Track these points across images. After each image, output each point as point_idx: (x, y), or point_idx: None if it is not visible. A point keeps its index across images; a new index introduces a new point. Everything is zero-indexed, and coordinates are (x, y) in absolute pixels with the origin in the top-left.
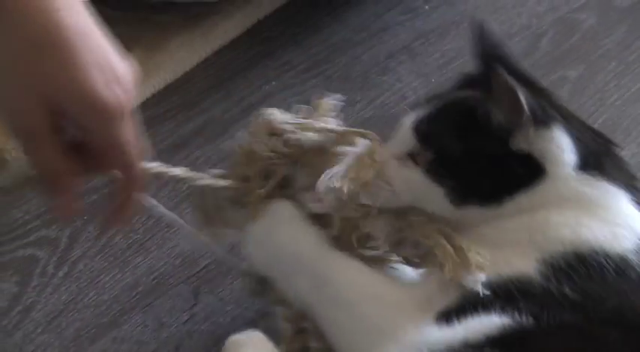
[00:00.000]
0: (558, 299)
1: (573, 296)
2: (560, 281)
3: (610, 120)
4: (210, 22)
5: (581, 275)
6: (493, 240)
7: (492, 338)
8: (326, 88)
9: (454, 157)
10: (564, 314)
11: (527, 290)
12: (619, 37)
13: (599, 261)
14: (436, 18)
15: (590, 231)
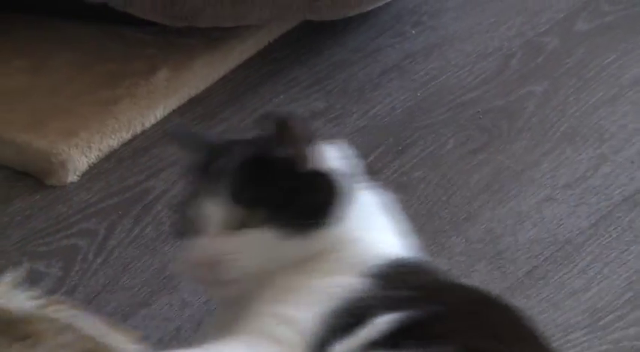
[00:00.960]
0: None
1: (406, 293)
2: (386, 284)
3: (570, 128)
4: (227, 45)
5: (396, 276)
6: (323, 270)
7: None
8: (326, 101)
9: (279, 204)
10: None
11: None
12: (578, 58)
13: (398, 263)
14: (421, 41)
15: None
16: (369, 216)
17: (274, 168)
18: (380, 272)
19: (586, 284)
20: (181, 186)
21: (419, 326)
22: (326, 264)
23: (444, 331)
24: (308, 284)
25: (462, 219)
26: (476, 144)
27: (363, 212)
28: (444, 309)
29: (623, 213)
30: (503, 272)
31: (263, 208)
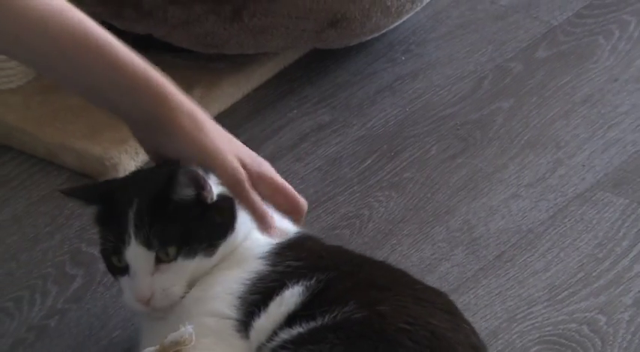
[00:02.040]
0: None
1: (298, 263)
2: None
3: (532, 138)
4: (250, 68)
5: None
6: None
7: (300, 304)
8: (331, 115)
9: (187, 237)
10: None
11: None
12: (538, 80)
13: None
14: (409, 66)
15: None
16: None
17: (177, 209)
18: (272, 252)
19: (545, 265)
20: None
21: (320, 292)
22: (227, 261)
23: (339, 292)
24: (219, 281)
25: (443, 212)
26: (454, 151)
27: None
28: (335, 273)
29: (576, 208)
30: (477, 256)
31: (174, 245)
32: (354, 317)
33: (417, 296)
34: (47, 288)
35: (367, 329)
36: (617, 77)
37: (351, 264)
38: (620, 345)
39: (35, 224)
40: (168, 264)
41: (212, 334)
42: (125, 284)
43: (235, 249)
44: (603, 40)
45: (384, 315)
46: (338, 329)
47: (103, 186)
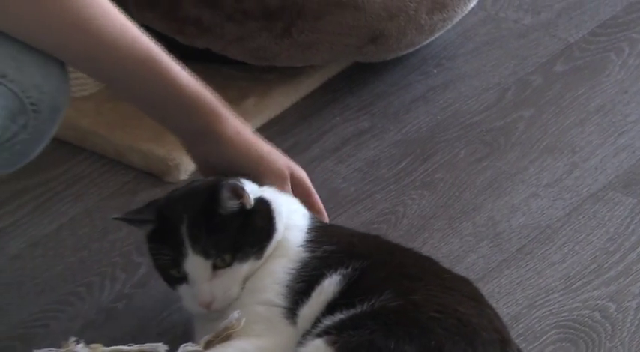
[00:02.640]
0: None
1: (332, 247)
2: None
3: (550, 143)
4: (298, 79)
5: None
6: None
7: (338, 293)
8: (371, 122)
9: (237, 244)
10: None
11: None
12: (556, 91)
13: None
14: (441, 78)
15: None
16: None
17: (225, 219)
18: (308, 240)
19: (561, 258)
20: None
21: (356, 282)
22: (272, 254)
23: (375, 281)
24: (267, 272)
25: (470, 209)
26: (480, 154)
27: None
28: (367, 262)
29: (589, 206)
30: (500, 249)
31: (229, 252)
32: (390, 306)
33: (445, 285)
34: (116, 275)
35: (402, 317)
36: (626, 89)
37: (382, 252)
38: (629, 330)
39: (105, 217)
40: (224, 269)
41: (263, 321)
42: (184, 291)
43: (278, 242)
44: (614, 56)
45: (417, 304)
46: (376, 316)
47: (151, 207)
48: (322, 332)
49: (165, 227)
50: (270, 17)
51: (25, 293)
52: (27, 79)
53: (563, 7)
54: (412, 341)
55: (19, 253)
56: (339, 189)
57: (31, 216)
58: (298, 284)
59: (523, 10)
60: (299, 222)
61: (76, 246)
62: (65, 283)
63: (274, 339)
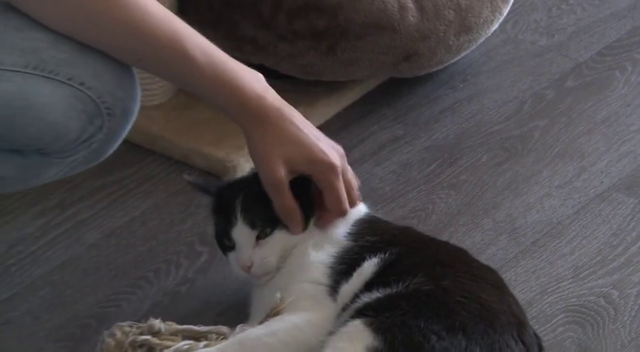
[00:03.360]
0: (372, 242)
1: (374, 238)
2: (361, 236)
3: (562, 150)
4: (341, 92)
5: (368, 229)
6: (322, 242)
7: (375, 273)
8: (404, 130)
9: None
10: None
11: (354, 249)
12: (567, 104)
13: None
14: (466, 92)
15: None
16: None
17: (270, 199)
18: (353, 232)
19: (571, 250)
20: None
21: (393, 264)
22: (317, 240)
23: (410, 265)
24: (312, 255)
25: (491, 207)
26: (500, 159)
27: None
28: (405, 249)
29: (595, 205)
30: (517, 242)
31: (269, 225)
32: (422, 289)
33: (472, 273)
34: (180, 262)
35: (432, 300)
36: (629, 103)
37: (419, 242)
38: (630, 314)
39: (172, 211)
40: (265, 239)
41: (309, 297)
42: (232, 257)
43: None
44: (619, 73)
45: (446, 289)
46: (409, 297)
47: (217, 183)
48: (360, 312)
49: (224, 201)
50: (317, 37)
51: (100, 277)
52: (102, 86)
53: (574, 30)
54: (439, 322)
55: (96, 242)
56: (376, 189)
57: (107, 209)
58: (340, 266)
59: (539, 32)
60: None
61: (146, 236)
62: (136, 269)
63: (319, 313)
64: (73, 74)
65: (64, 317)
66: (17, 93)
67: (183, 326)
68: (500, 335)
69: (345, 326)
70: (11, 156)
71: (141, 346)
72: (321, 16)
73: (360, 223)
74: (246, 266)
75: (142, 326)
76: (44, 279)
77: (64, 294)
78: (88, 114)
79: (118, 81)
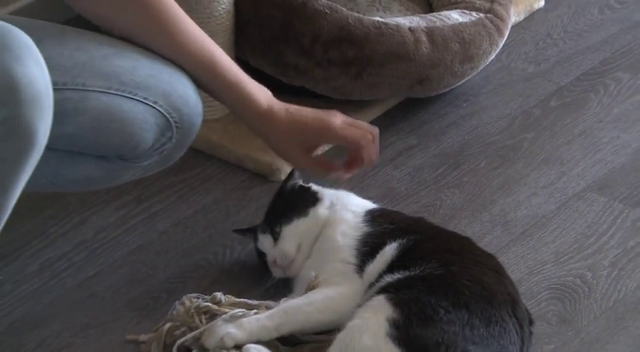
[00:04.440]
0: (389, 229)
1: (392, 225)
2: (377, 223)
3: (546, 158)
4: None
5: (383, 217)
6: (337, 228)
7: (396, 256)
8: (418, 140)
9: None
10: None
11: (374, 234)
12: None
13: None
14: (468, 109)
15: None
16: (335, 195)
17: (283, 203)
18: (369, 219)
19: (553, 239)
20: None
21: (411, 250)
22: (340, 227)
23: (425, 252)
24: (340, 240)
25: (488, 203)
26: (496, 165)
27: (329, 194)
28: (420, 237)
29: (573, 203)
30: (509, 232)
31: (275, 225)
32: (435, 273)
33: (475, 260)
34: (234, 246)
35: (442, 282)
36: (601, 120)
37: (432, 231)
38: (601, 292)
39: (227, 205)
40: (278, 238)
41: (340, 274)
42: (266, 261)
43: (332, 216)
44: (593, 95)
45: (454, 274)
46: (424, 279)
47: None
48: (383, 289)
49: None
50: (347, 65)
51: (169, 258)
52: (172, 104)
53: (556, 60)
54: (447, 299)
55: (166, 230)
56: (394, 188)
57: (175, 203)
58: (364, 248)
59: (528, 61)
60: (353, 207)
61: (206, 225)
62: (198, 252)
63: (348, 287)
64: (148, 95)
65: (139, 291)
66: (103, 110)
67: (239, 299)
68: (497, 311)
69: (370, 300)
70: (98, 160)
71: (205, 312)
72: (351, 48)
73: (371, 213)
74: (273, 262)
75: (206, 297)
76: (123, 260)
77: (139, 272)
78: (160, 127)
79: (184, 100)
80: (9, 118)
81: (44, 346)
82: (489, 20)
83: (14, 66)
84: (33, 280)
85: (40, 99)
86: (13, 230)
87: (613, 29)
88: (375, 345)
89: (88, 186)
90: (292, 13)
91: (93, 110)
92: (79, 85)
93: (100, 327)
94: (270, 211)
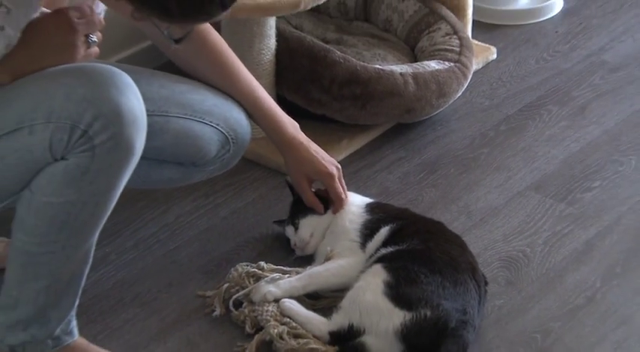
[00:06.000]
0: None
1: (385, 214)
2: (374, 213)
3: (498, 166)
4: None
5: (378, 208)
6: (344, 217)
7: (388, 236)
8: (405, 153)
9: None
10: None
11: (373, 220)
12: (500, 140)
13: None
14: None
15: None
16: None
17: (302, 200)
18: (367, 209)
19: (502, 224)
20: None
21: (399, 231)
22: (341, 215)
23: (410, 232)
24: (346, 226)
25: (456, 198)
26: (462, 170)
27: None
28: (406, 222)
29: (517, 199)
30: (471, 219)
31: (296, 219)
32: (417, 248)
33: (446, 239)
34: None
35: (422, 254)
36: (537, 139)
37: (415, 218)
38: (537, 262)
39: (270, 199)
40: (298, 228)
41: (348, 249)
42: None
43: (346, 210)
44: (531, 122)
45: (430, 248)
46: (409, 252)
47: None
48: (380, 259)
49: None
50: (355, 99)
51: (228, 237)
52: (229, 126)
53: (505, 96)
54: (426, 267)
55: (226, 216)
56: (388, 187)
57: (232, 197)
58: (365, 231)
59: (485, 97)
60: (356, 202)
61: (254, 213)
62: (248, 232)
63: (354, 259)
64: (213, 119)
65: (206, 259)
66: (181, 130)
67: (277, 267)
68: (461, 275)
69: (370, 268)
70: (177, 166)
71: (252, 276)
72: (358, 87)
73: (370, 205)
74: (294, 245)
75: (253, 265)
76: (195, 237)
77: (206, 246)
78: (221, 142)
79: (239, 123)
80: (115, 135)
81: (138, 299)
82: (457, 68)
83: (119, 98)
84: (130, 252)
85: (137, 121)
86: (117, 215)
87: (546, 75)
88: (374, 300)
89: (170, 185)
90: (316, 62)
91: (173, 130)
92: (164, 112)
93: (178, 286)
94: (293, 208)
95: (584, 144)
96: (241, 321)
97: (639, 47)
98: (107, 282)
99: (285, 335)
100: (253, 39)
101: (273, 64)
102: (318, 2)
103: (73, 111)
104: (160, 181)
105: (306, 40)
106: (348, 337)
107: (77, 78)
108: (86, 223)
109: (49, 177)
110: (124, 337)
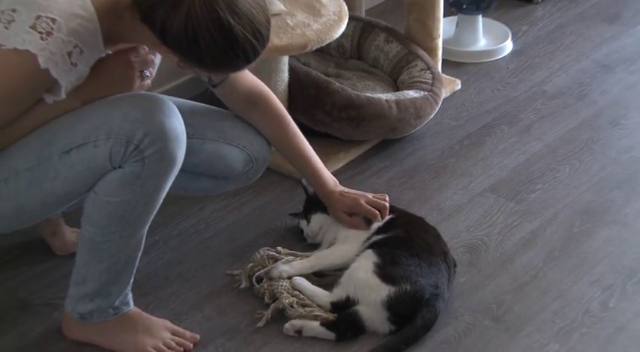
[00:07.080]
0: None
1: None
2: None
3: (462, 173)
4: (360, 145)
5: None
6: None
7: (380, 226)
8: (389, 163)
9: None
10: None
11: None
12: (464, 152)
13: None
14: (418, 146)
15: None
16: None
17: (313, 200)
18: None
19: (465, 218)
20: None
21: (386, 223)
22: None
23: (395, 224)
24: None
25: (429, 198)
26: (435, 175)
27: None
28: (393, 216)
29: (477, 198)
30: (441, 215)
31: (309, 214)
32: (400, 236)
33: (425, 229)
34: (287, 222)
35: (404, 241)
36: (493, 151)
37: (399, 212)
38: (493, 248)
39: (286, 198)
40: (309, 222)
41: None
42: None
43: None
44: (489, 138)
45: (411, 237)
46: (394, 239)
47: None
48: (371, 245)
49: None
50: (351, 120)
51: (251, 228)
52: (253, 148)
53: (467, 118)
54: (406, 251)
55: (249, 212)
56: (376, 189)
57: (254, 197)
58: None
59: (451, 119)
60: None
61: (273, 209)
62: (268, 224)
63: (352, 245)
64: (240, 142)
65: (234, 245)
66: (214, 151)
67: (291, 251)
68: (435, 258)
69: (363, 252)
70: (210, 179)
71: (271, 258)
72: (353, 110)
73: None
74: (306, 235)
75: (272, 249)
76: (225, 228)
77: (234, 236)
78: (246, 161)
79: (261, 146)
80: (161, 149)
81: (180, 276)
82: (431, 96)
83: (164, 119)
84: (174, 239)
85: (179, 139)
86: (164, 211)
87: (499, 101)
88: (366, 277)
89: (205, 193)
90: (320, 91)
91: (208, 150)
92: (201, 135)
93: (211, 266)
94: (306, 205)
95: (530, 156)
96: (261, 293)
97: (572, 80)
98: (156, 263)
99: (295, 304)
100: (271, 73)
101: (287, 93)
102: (321, 44)
103: (128, 129)
104: (197, 190)
105: (312, 74)
106: (345, 306)
107: (132, 103)
108: (138, 217)
109: (109, 182)
110: (169, 306)
